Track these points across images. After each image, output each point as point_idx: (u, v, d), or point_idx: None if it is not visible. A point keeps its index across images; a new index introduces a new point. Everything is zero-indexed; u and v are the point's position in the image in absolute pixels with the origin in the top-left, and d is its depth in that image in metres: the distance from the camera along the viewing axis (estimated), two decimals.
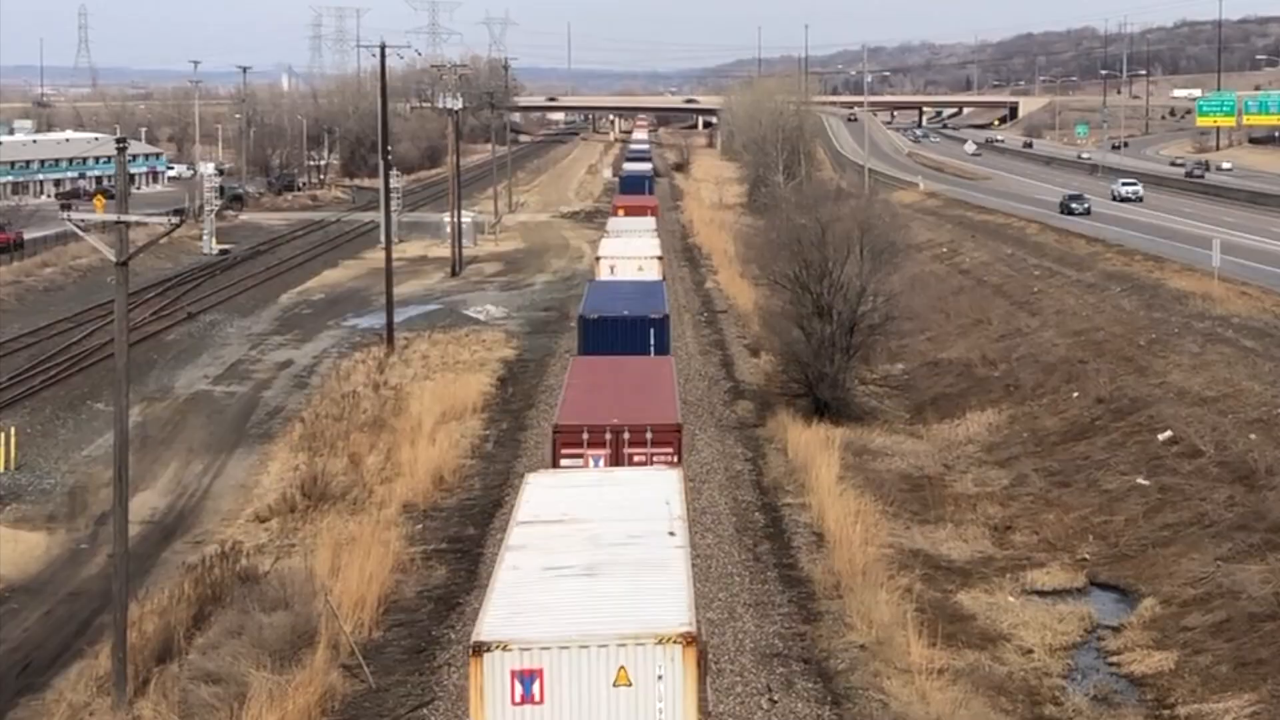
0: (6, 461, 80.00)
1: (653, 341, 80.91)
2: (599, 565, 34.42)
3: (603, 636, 30.60)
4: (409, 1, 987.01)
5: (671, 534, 36.62)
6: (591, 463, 54.56)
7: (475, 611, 51.94)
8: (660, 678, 30.41)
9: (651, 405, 60.73)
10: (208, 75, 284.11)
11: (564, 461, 56.70)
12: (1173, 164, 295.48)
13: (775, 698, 47.39)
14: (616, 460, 56.23)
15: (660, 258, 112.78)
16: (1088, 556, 66.43)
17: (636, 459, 55.75)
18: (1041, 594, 61.92)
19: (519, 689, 30.22)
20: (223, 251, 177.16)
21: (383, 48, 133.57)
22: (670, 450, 56.24)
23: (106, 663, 50.25)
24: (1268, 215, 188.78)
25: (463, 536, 65.02)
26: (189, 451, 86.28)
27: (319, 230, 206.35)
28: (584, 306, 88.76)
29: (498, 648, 30.08)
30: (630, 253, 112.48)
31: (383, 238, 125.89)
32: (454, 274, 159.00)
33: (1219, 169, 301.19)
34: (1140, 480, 74.17)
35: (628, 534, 36.55)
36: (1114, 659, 55.59)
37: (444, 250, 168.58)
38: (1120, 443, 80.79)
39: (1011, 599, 61.24)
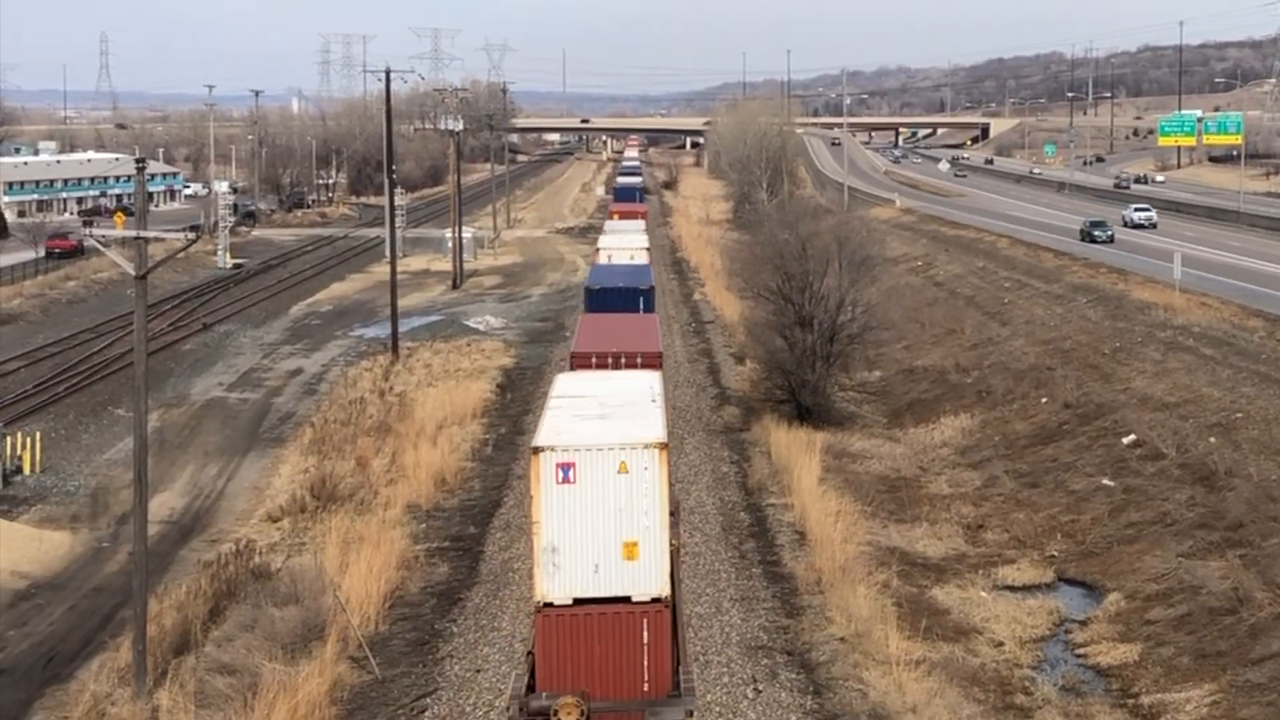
0: (32, 465, 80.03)
1: (641, 305, 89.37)
2: (607, 413, 46.33)
3: (611, 443, 42.63)
4: (413, 29, 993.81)
5: (653, 400, 48.26)
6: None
7: (476, 606, 53.44)
8: (646, 469, 42.24)
9: (640, 341, 70.48)
10: (222, 99, 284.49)
11: None
12: (1116, 181, 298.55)
13: (760, 688, 47.48)
14: None
15: (648, 249, 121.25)
16: (1056, 554, 66.61)
17: None
18: (1012, 589, 62.08)
19: (560, 474, 42.00)
20: (236, 266, 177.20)
21: (388, 73, 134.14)
22: (656, 369, 61.94)
23: (127, 655, 50.30)
24: (1226, 229, 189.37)
25: (464, 535, 65.09)
26: (205, 455, 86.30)
27: (327, 245, 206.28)
28: (589, 280, 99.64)
29: (548, 449, 41.65)
30: (624, 245, 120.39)
31: (388, 252, 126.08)
32: (455, 287, 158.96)
33: (1154, 182, 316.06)
34: (1106, 481, 74.31)
35: (625, 400, 48.28)
36: (1081, 651, 55.72)
37: (446, 264, 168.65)
38: (1087, 446, 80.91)
39: (984, 594, 61.39)
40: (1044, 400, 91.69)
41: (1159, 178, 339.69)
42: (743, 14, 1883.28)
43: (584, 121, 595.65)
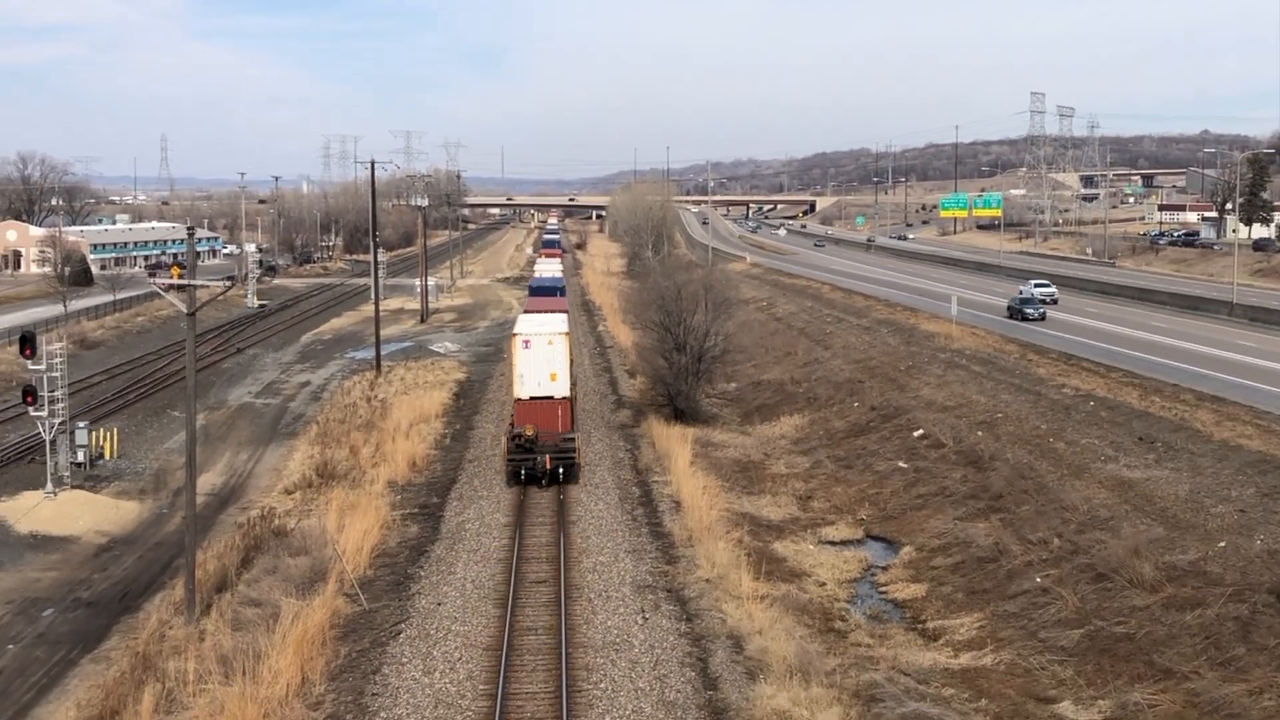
0: (111, 452, 79.63)
1: (557, 294, 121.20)
2: (542, 323, 76.09)
3: (544, 332, 71.84)
4: (391, 131, 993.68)
5: (562, 320, 77.79)
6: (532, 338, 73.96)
7: (438, 556, 53.86)
8: (557, 343, 71.06)
9: (555, 305, 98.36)
10: (251, 182, 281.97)
11: None
12: (869, 240, 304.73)
13: (647, 616, 47.71)
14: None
15: (562, 270, 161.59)
16: (865, 517, 66.95)
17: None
18: (832, 544, 62.39)
19: (523, 344, 70.92)
20: (261, 305, 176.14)
21: (372, 164, 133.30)
22: (564, 311, 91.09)
23: (181, 592, 50.34)
24: (990, 279, 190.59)
25: (429, 504, 65.07)
26: (238, 445, 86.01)
27: (328, 291, 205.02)
28: (531, 282, 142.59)
29: (520, 334, 71.68)
30: (549, 269, 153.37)
31: (373, 296, 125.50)
32: (422, 321, 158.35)
33: (905, 238, 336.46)
34: (901, 464, 74.73)
35: (549, 320, 77.50)
36: (883, 589, 56.06)
37: (415, 304, 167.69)
38: (887, 438, 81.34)
39: (811, 547, 61.64)
40: (856, 404, 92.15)
41: (910, 236, 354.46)
42: (635, 120, 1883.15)
43: (509, 199, 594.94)
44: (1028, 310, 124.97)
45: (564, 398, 69.87)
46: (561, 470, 67.31)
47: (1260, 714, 38.68)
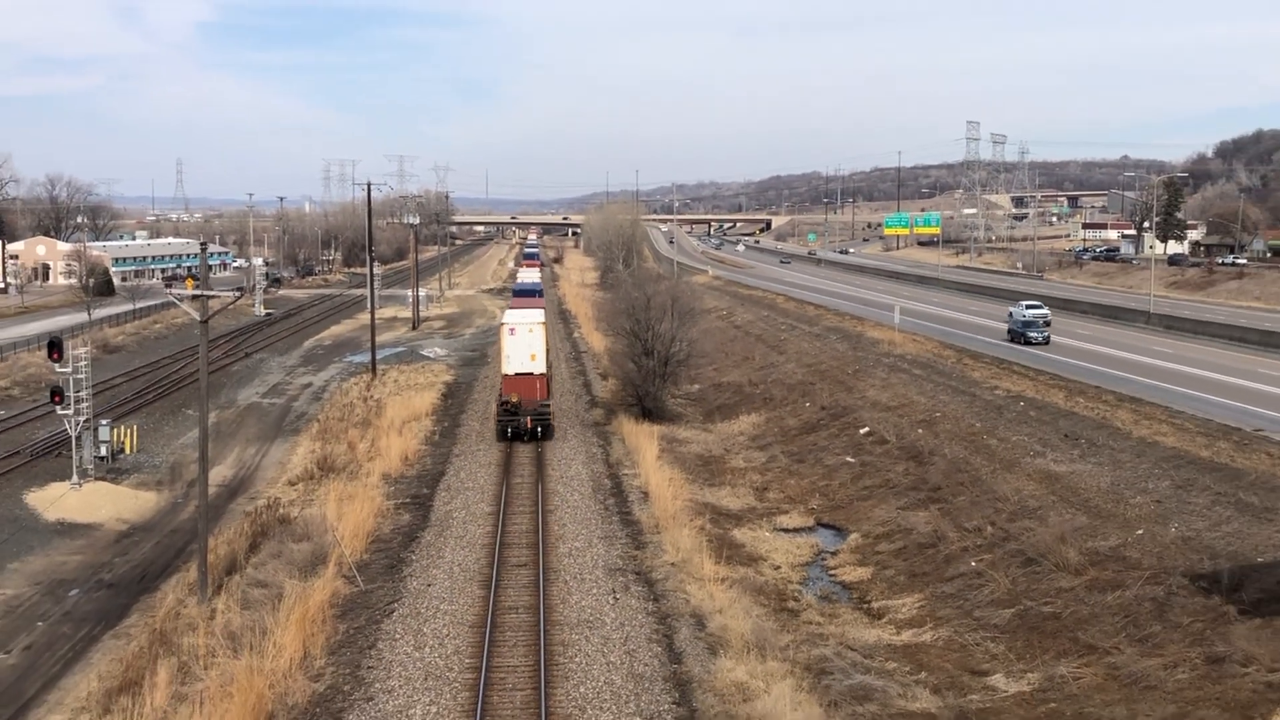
0: (131, 447, 79.30)
1: (537, 295, 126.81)
2: (525, 314, 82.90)
3: (526, 321, 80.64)
4: (386, 155, 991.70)
5: (540, 312, 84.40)
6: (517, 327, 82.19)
7: (428, 542, 53.63)
8: (537, 331, 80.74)
9: (535, 303, 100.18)
10: (258, 202, 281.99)
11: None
12: (809, 252, 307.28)
13: (618, 596, 47.74)
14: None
15: (540, 277, 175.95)
16: (815, 507, 67.06)
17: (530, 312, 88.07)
18: (786, 531, 62.46)
19: (510, 331, 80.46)
20: (267, 314, 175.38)
21: (369, 185, 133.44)
22: (542, 307, 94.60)
23: (194, 574, 50.12)
24: (932, 290, 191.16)
25: (420, 494, 64.95)
26: (246, 441, 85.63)
27: (328, 301, 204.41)
28: (514, 286, 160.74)
29: (507, 324, 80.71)
30: (529, 276, 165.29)
31: (369, 305, 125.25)
32: (414, 328, 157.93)
33: (847, 252, 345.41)
34: (849, 459, 74.84)
35: (530, 312, 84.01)
36: (833, 572, 56.13)
37: (407, 313, 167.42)
38: (836, 435, 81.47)
39: (767, 534, 61.70)
40: (808, 404, 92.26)
41: (852, 250, 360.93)
42: (607, 146, 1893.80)
43: (493, 217, 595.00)
44: (1031, 334, 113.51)
45: (541, 374, 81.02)
46: (540, 429, 79.44)
47: (1174, 686, 38.87)
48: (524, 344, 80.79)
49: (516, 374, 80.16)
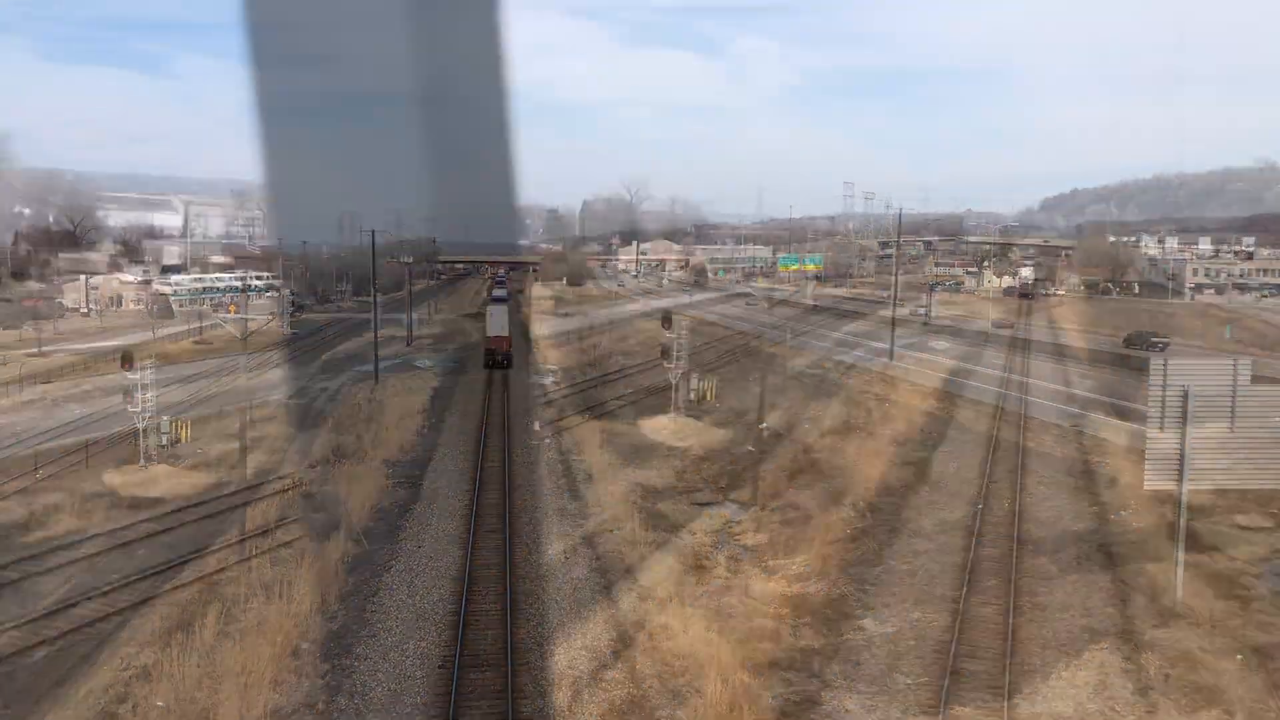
0: (186, 438, 78.70)
1: (505, 300, 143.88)
2: (497, 307, 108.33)
3: (499, 309, 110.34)
4: (385, 209, 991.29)
5: (506, 306, 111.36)
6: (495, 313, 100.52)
7: (419, 513, 53.33)
8: (503, 315, 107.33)
9: (502, 303, 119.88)
10: (286, 243, 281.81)
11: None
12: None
13: (568, 556, 48.03)
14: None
15: (508, 299, 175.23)
16: (724, 486, 67.21)
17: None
18: (702, 505, 62.66)
19: (490, 314, 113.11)
20: (294, 333, 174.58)
21: (374, 232, 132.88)
22: (506, 305, 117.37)
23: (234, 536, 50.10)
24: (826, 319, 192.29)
25: (413, 475, 64.65)
26: (277, 434, 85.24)
27: (341, 324, 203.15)
28: (492, 294, 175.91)
29: (490, 309, 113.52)
30: (500, 292, 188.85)
31: (373, 327, 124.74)
32: (408, 345, 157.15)
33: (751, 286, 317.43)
34: (749, 448, 75.01)
35: (501, 305, 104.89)
36: (737, 538, 56.36)
37: (403, 332, 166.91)
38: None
39: (687, 507, 61.96)
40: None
41: (749, 288, 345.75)
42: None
43: (460, 257, 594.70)
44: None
45: (507, 336, 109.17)
46: (505, 362, 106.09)
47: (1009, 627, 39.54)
48: (498, 319, 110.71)
49: (494, 336, 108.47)
